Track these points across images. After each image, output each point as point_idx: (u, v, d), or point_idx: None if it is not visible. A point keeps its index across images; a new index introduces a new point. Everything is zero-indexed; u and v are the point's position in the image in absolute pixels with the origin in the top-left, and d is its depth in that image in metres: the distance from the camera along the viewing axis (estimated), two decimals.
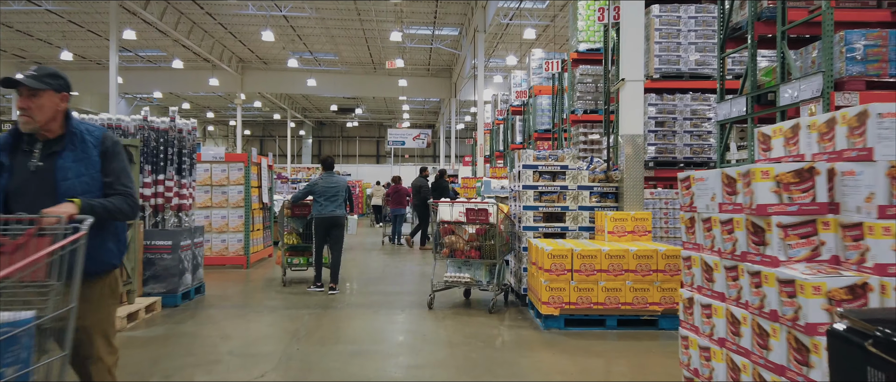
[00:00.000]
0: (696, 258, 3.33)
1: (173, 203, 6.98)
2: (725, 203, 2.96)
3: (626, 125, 6.80)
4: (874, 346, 1.09)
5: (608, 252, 5.81)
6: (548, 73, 19.99)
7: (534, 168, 6.98)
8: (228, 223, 10.19)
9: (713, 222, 3.09)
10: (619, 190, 6.92)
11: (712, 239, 3.10)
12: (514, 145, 22.47)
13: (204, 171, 10.17)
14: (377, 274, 9.93)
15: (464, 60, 29.08)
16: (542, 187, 6.97)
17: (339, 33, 28.06)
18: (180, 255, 6.88)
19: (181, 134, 7.18)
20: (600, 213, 6.70)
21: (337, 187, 8.14)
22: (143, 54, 32.12)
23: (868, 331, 1.12)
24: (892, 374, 1.03)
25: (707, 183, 3.13)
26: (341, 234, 8.18)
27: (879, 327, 1.11)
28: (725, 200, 2.96)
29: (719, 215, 3.03)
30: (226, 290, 8.19)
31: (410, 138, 40.21)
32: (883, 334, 1.08)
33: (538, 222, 6.96)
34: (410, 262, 11.52)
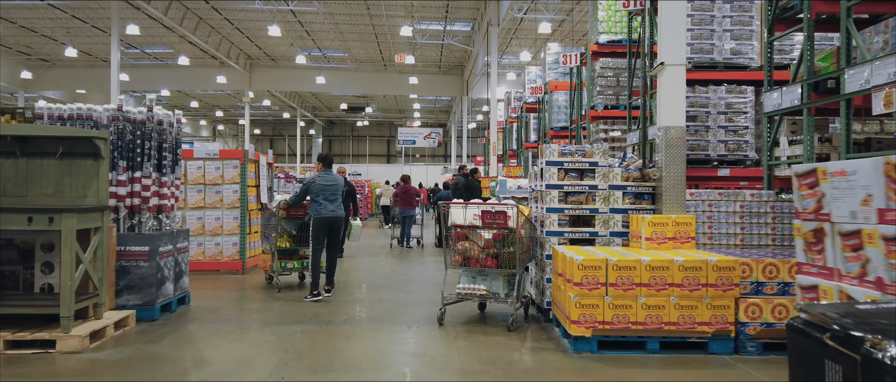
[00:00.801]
0: (830, 290, 2.38)
1: (152, 204, 6.20)
2: (893, 210, 2.00)
3: (666, 116, 5.94)
4: (831, 340, 1.04)
5: (649, 263, 4.95)
6: (565, 67, 19.15)
7: (559, 165, 6.13)
8: (223, 225, 9.42)
9: (866, 238, 2.14)
10: (657, 190, 6.06)
11: (864, 264, 2.15)
12: (529, 143, 21.65)
13: (197, 168, 9.41)
14: (382, 281, 9.12)
15: (476, 56, 28.23)
16: (569, 187, 6.12)
17: (349, 29, 27.31)
18: (159, 262, 6.10)
19: (161, 126, 6.39)
20: (636, 216, 5.84)
21: (337, 186, 7.61)
22: (149, 51, 31.57)
23: (826, 325, 1.07)
24: (848, 366, 0.96)
25: (855, 179, 2.16)
26: (339, 235, 7.68)
27: (837, 321, 1.07)
28: (893, 204, 2.00)
29: (880, 227, 2.12)
30: (214, 300, 7.41)
31: (421, 137, 39.42)
32: (840, 328, 1.04)
33: (563, 226, 6.11)
34: (419, 267, 10.70)
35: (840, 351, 1.06)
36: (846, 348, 1.04)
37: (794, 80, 6.67)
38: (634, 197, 6.15)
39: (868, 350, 0.99)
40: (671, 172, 5.90)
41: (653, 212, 6.08)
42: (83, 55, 31.42)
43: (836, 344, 1.08)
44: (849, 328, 1.07)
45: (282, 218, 8.23)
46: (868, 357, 0.97)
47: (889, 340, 0.95)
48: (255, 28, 27.16)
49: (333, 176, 7.68)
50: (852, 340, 1.04)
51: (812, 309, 1.21)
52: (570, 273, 5.05)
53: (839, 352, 1.06)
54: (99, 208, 5.35)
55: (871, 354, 0.97)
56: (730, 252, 5.54)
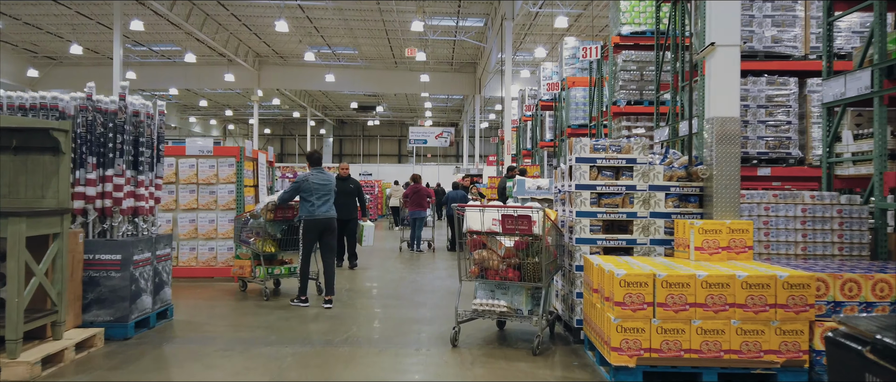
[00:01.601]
0: None
1: (126, 206, 5.44)
2: None
3: (717, 105, 5.10)
4: (872, 352, 1.02)
5: (706, 279, 4.12)
6: (583, 62, 18.32)
7: (591, 162, 5.31)
8: (217, 228, 8.68)
9: None
10: (706, 191, 5.22)
11: None
12: (544, 142, 20.84)
13: (189, 167, 8.67)
14: (390, 290, 8.33)
15: (489, 53, 27.41)
16: (602, 187, 5.29)
17: (359, 25, 26.59)
18: (133, 272, 5.34)
19: (137, 118, 5.64)
20: (682, 222, 5.00)
21: (330, 185, 7.07)
22: (156, 49, 31.05)
23: (866, 338, 1.05)
24: (889, 379, 0.92)
25: None
26: (334, 238, 7.17)
27: (877, 334, 1.02)
28: None
29: None
30: (200, 313, 6.65)
31: (433, 137, 38.60)
32: (881, 340, 0.99)
33: (596, 232, 5.29)
34: (430, 274, 9.90)
35: (880, 364, 1.01)
36: (886, 360, 1.00)
37: (861, 65, 5.81)
38: (679, 199, 5.31)
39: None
40: (723, 170, 5.06)
41: (700, 217, 5.25)
42: (90, 53, 30.96)
43: (876, 357, 1.02)
44: (889, 341, 1.02)
45: (268, 221, 7.50)
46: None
47: None
48: (262, 24, 26.51)
49: (326, 175, 7.11)
50: (893, 352, 0.98)
51: (852, 322, 1.16)
52: (610, 290, 4.23)
53: (879, 365, 1.01)
54: (58, 211, 4.60)
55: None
56: (792, 264, 4.69)
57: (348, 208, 9.94)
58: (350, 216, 10.03)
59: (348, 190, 10.05)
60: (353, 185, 10.20)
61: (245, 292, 7.82)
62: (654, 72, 12.77)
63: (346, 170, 10.33)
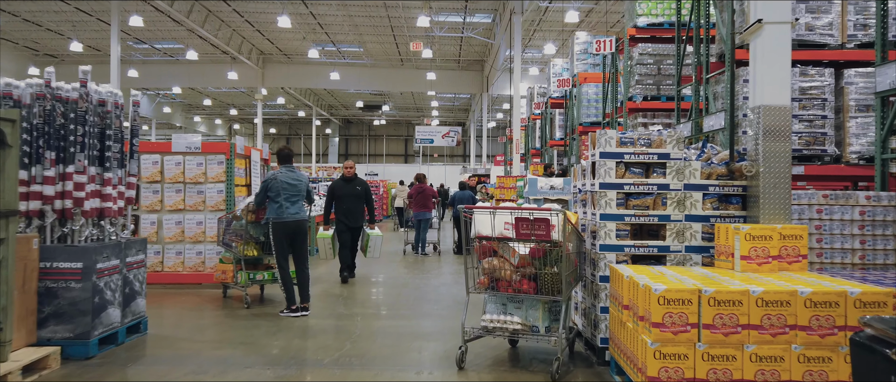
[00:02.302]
0: None
1: (89, 207, 4.81)
2: None
3: (765, 92, 4.41)
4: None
5: (762, 296, 3.44)
6: (595, 58, 17.68)
7: (617, 158, 4.63)
8: (205, 231, 8.05)
9: None
10: (750, 191, 4.54)
11: None
12: (554, 141, 20.21)
13: (175, 164, 8.05)
14: (391, 298, 7.68)
15: (497, 50, 26.74)
16: (631, 187, 4.62)
17: (364, 22, 25.98)
18: (97, 282, 4.71)
19: (104, 108, 5.01)
20: (724, 227, 4.32)
21: (300, 185, 6.52)
22: (159, 47, 30.55)
23: (892, 340, 1.01)
24: None
25: None
26: (306, 243, 6.59)
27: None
28: None
29: None
30: (178, 326, 6.02)
31: (439, 136, 37.96)
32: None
33: (624, 238, 4.61)
34: (435, 279, 9.24)
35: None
36: None
37: None
38: (718, 200, 4.63)
39: None
40: (772, 166, 4.38)
41: (743, 220, 4.57)
42: (91, 51, 30.48)
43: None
44: None
45: (249, 223, 6.91)
46: None
47: None
48: (265, 21, 25.95)
49: (297, 174, 6.58)
50: None
51: (877, 324, 1.10)
52: (646, 308, 3.56)
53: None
54: (2, 214, 3.97)
55: None
56: (856, 277, 4.01)
57: (356, 214, 8.74)
58: (358, 224, 8.81)
59: (355, 193, 8.73)
60: (361, 187, 8.83)
61: (227, 298, 7.21)
62: (672, 65, 12.11)
63: (351, 169, 8.90)
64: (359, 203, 8.77)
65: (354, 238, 8.86)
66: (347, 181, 8.76)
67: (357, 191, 8.77)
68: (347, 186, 8.71)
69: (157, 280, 7.99)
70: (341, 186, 8.72)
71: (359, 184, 8.85)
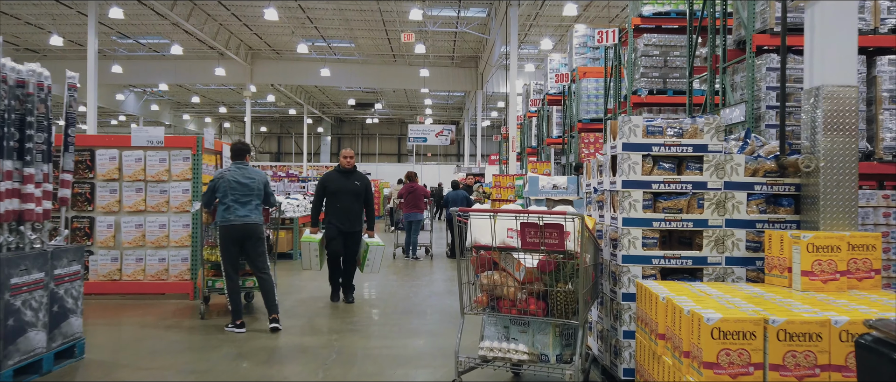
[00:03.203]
0: None
1: (2, 209, 3.96)
2: None
3: (827, 69, 3.62)
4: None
5: (847, 326, 2.63)
6: (595, 52, 16.95)
7: (644, 150, 3.82)
8: (169, 235, 7.20)
9: None
10: (806, 191, 3.74)
11: None
12: (551, 139, 19.45)
13: (135, 160, 7.19)
14: (377, 310, 6.85)
15: (492, 45, 25.93)
16: (661, 185, 3.81)
17: (355, 17, 25.12)
18: (10, 301, 3.87)
19: (24, 90, 4.16)
20: (778, 234, 3.52)
21: (251, 184, 5.75)
22: (144, 42, 29.56)
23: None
24: None
25: None
26: (262, 248, 5.78)
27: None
28: None
29: None
30: (125, 348, 5.18)
31: (433, 135, 37.09)
32: None
33: (651, 247, 3.80)
34: (427, 287, 8.42)
35: None
36: None
37: None
38: (765, 201, 3.83)
39: None
40: (835, 160, 3.58)
41: (796, 225, 3.77)
42: (73, 45, 29.50)
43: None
44: None
45: (208, 224, 6.22)
46: None
47: None
48: (252, 15, 25.03)
49: (250, 171, 5.83)
50: None
51: (883, 326, 1.06)
52: (693, 341, 2.75)
53: None
54: None
55: None
56: None
57: (353, 215, 7.05)
58: (355, 228, 7.11)
59: (353, 189, 7.08)
60: (360, 182, 7.18)
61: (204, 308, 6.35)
62: (679, 57, 11.37)
63: (350, 160, 7.21)
64: (357, 202, 7.10)
65: (349, 247, 7.08)
66: (344, 174, 7.14)
67: (355, 187, 7.09)
68: (344, 179, 7.10)
69: (115, 290, 7.14)
70: (336, 179, 7.11)
71: (358, 179, 7.20)
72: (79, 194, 7.15)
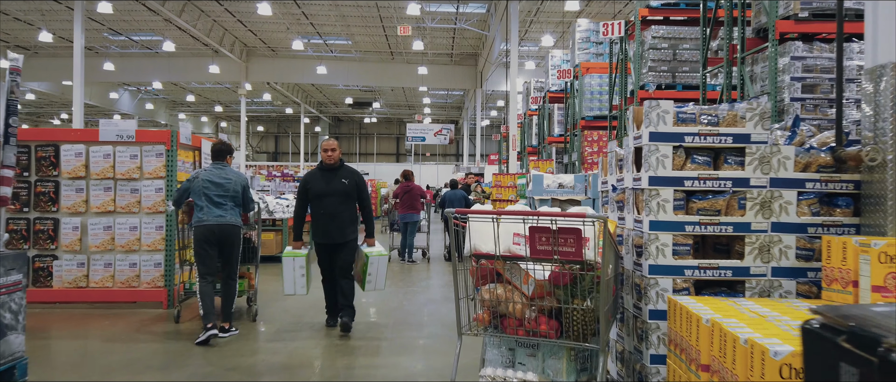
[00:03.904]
0: None
1: None
2: None
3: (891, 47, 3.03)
4: (847, 342, 0.99)
5: None
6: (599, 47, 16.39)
7: (675, 140, 3.23)
8: (141, 238, 6.60)
9: None
10: (867, 189, 3.14)
11: None
12: (552, 137, 18.90)
13: (104, 157, 6.59)
14: (367, 321, 6.25)
15: (492, 42, 25.34)
16: (695, 182, 3.22)
17: (351, 13, 24.54)
18: None
19: None
20: (838, 241, 2.92)
21: (227, 184, 5.47)
22: (136, 38, 28.97)
23: (842, 327, 1.03)
24: (865, 369, 0.93)
25: None
26: (235, 252, 5.50)
27: (852, 322, 1.02)
28: None
29: None
30: (75, 367, 4.58)
31: (431, 134, 36.49)
32: (856, 330, 0.99)
33: (683, 255, 3.21)
34: (423, 294, 7.82)
35: (856, 354, 0.95)
36: (862, 350, 0.93)
37: None
38: (819, 202, 3.24)
39: (885, 352, 0.88)
40: None
41: (855, 230, 3.18)
42: (64, 42, 28.85)
43: (852, 347, 0.97)
44: (865, 331, 0.96)
45: (183, 224, 5.91)
46: (885, 360, 0.88)
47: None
48: (246, 10, 24.43)
49: (227, 171, 5.56)
50: (868, 342, 0.93)
51: (828, 312, 1.09)
52: (754, 380, 2.15)
53: (855, 355, 0.95)
54: None
55: (888, 356, 0.87)
56: None
57: (340, 223, 5.61)
58: (344, 239, 5.64)
59: (339, 190, 5.61)
60: (348, 179, 5.68)
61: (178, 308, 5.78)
62: (689, 50, 10.82)
63: (333, 153, 5.68)
64: (345, 206, 5.62)
65: (339, 263, 5.63)
66: (328, 172, 5.67)
67: (342, 187, 5.61)
68: (328, 178, 5.63)
69: (81, 299, 6.54)
70: (317, 178, 5.67)
71: (346, 176, 5.68)
72: (41, 193, 6.55)
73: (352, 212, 5.69)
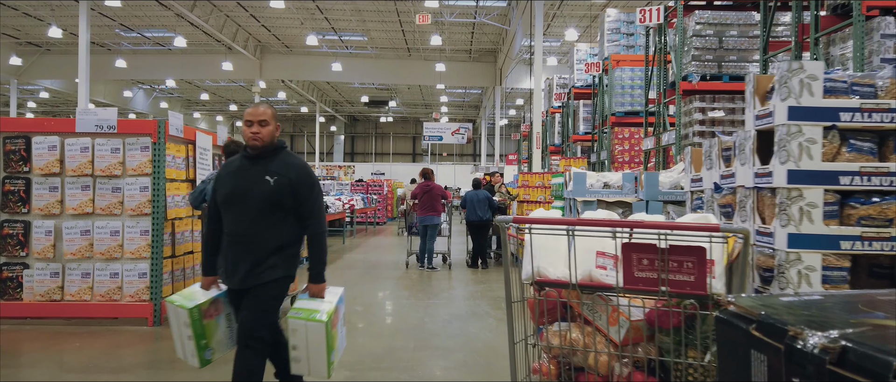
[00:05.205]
0: None
1: None
2: None
3: None
4: (757, 330, 1.03)
5: None
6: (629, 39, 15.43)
7: (826, 119, 2.25)
8: (123, 244, 5.71)
9: None
10: None
11: None
12: (578, 135, 17.93)
13: (81, 150, 5.72)
14: (382, 346, 5.31)
15: (512, 37, 24.34)
16: (856, 179, 2.24)
17: (367, 7, 23.66)
18: None
19: None
20: None
21: None
22: (148, 35, 28.33)
23: (752, 316, 1.06)
24: (772, 355, 0.98)
25: None
26: None
27: (762, 311, 1.05)
28: None
29: None
30: None
31: (449, 133, 35.62)
32: (766, 317, 1.03)
33: (838, 283, 2.23)
34: (446, 308, 6.87)
35: (765, 341, 0.99)
36: (771, 338, 0.98)
37: None
38: None
39: (791, 339, 0.94)
40: None
41: None
42: (74, 38, 28.12)
43: (761, 334, 1.01)
44: (773, 319, 1.01)
45: None
46: (791, 347, 0.93)
47: (810, 329, 0.92)
48: (260, 5, 23.66)
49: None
50: (776, 330, 0.98)
51: (740, 301, 1.11)
52: None
53: (764, 342, 0.99)
54: None
55: (793, 343, 0.93)
56: None
57: (256, 249, 3.23)
58: (257, 278, 3.22)
59: (260, 194, 3.22)
60: (278, 175, 3.25)
61: None
62: (735, 37, 9.83)
63: (258, 133, 3.24)
64: (268, 223, 3.25)
65: (242, 319, 3.26)
66: (249, 162, 3.31)
67: (265, 189, 3.23)
68: (244, 174, 3.29)
69: (55, 314, 5.67)
70: (229, 173, 3.35)
71: (278, 169, 3.27)
72: (10, 191, 5.69)
73: (280, 233, 3.22)
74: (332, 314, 3.13)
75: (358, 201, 17.44)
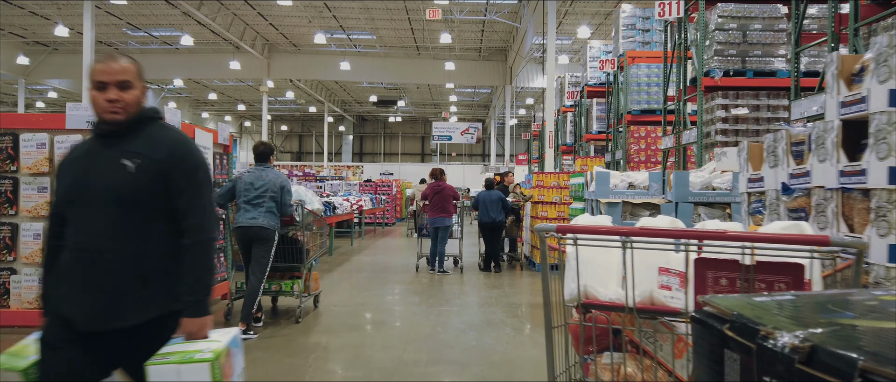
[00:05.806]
0: None
1: None
2: None
3: None
4: (730, 330, 1.05)
5: None
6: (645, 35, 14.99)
7: None
8: None
9: None
10: None
11: None
12: (591, 135, 17.51)
13: (58, 145, 5.37)
14: (392, 359, 4.92)
15: (523, 35, 23.91)
16: None
17: (376, 5, 23.33)
18: None
19: None
20: None
21: (264, 187, 5.60)
22: (156, 34, 28.14)
23: (726, 316, 1.08)
24: (745, 355, 1.00)
25: None
26: (266, 252, 5.56)
27: (735, 311, 1.07)
28: None
29: None
30: None
31: (458, 133, 35.22)
32: (739, 317, 1.05)
33: None
34: (460, 317, 6.47)
35: (738, 341, 1.01)
36: (743, 337, 1.00)
37: None
38: None
39: (762, 338, 0.95)
40: None
41: None
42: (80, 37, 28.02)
43: (734, 334, 1.03)
44: (746, 319, 1.03)
45: None
46: (762, 346, 0.95)
47: (780, 330, 0.93)
48: (267, 3, 23.38)
49: (267, 173, 5.70)
50: (748, 330, 1.00)
51: (714, 301, 1.13)
52: None
53: (737, 341, 1.02)
54: None
55: (764, 342, 0.94)
56: None
57: (115, 271, 2.04)
58: (119, 319, 2.05)
59: (118, 186, 2.06)
60: (144, 157, 2.09)
61: None
62: (760, 31, 9.40)
63: (117, 102, 2.06)
64: (127, 230, 2.08)
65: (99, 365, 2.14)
66: (103, 142, 2.15)
67: (124, 179, 2.07)
68: (94, 159, 2.13)
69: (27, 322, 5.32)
70: (75, 158, 2.20)
71: (143, 148, 2.12)
72: None
73: (147, 244, 2.11)
74: (221, 354, 1.96)
75: (367, 201, 17.09)
